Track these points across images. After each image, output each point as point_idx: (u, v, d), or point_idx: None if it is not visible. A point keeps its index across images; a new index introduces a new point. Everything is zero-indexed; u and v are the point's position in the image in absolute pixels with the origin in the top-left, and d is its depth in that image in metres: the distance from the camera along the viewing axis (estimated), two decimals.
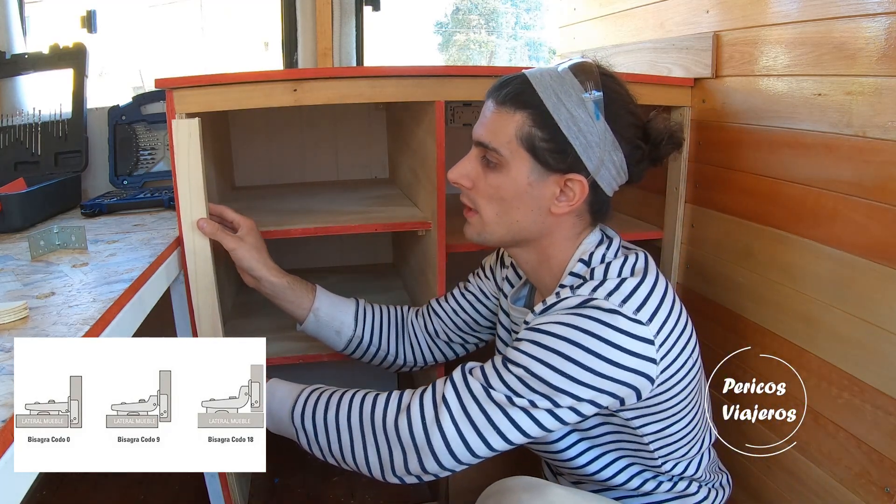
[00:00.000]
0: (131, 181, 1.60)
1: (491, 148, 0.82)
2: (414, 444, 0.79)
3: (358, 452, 0.82)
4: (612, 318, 0.76)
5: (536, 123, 0.80)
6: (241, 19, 3.94)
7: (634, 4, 1.50)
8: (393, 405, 0.82)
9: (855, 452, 0.92)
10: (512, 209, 0.84)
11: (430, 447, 0.78)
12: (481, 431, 0.77)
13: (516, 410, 0.77)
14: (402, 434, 0.79)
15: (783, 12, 1.03)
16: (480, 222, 0.87)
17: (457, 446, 0.78)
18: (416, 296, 1.45)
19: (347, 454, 0.83)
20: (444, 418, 0.78)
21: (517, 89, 0.81)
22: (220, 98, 1.05)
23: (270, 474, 1.52)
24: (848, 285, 0.93)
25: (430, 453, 0.78)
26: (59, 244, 1.00)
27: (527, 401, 0.77)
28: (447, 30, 5.22)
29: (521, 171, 0.82)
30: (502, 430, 0.78)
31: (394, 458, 0.80)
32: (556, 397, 0.76)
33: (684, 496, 0.93)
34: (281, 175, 1.76)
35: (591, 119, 0.80)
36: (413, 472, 0.80)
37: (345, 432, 0.83)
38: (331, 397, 0.86)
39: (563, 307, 0.80)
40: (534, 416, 0.77)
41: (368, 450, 0.82)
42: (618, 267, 0.82)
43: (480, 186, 0.85)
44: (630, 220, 1.44)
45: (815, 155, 0.98)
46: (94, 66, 1.64)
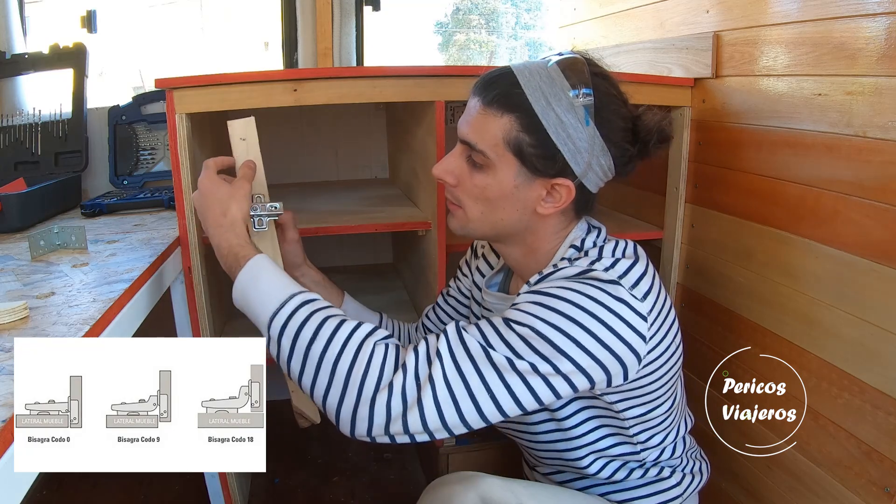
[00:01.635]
0: (131, 181, 1.61)
1: (477, 150, 0.81)
2: (403, 404, 0.72)
3: (331, 400, 0.73)
4: (613, 288, 0.76)
5: (524, 128, 0.78)
6: (241, 19, 3.93)
7: (634, 4, 1.50)
8: (390, 362, 0.74)
9: (855, 452, 0.92)
10: (497, 209, 0.83)
11: (418, 404, 0.72)
12: (473, 392, 0.73)
13: (514, 376, 0.73)
14: (394, 395, 0.72)
15: (783, 12, 1.03)
16: (465, 218, 0.86)
17: (444, 403, 0.72)
18: (416, 296, 1.45)
19: (319, 394, 0.74)
20: (437, 375, 0.72)
21: (505, 91, 0.79)
22: (220, 98, 1.05)
23: (270, 474, 1.53)
24: (848, 285, 0.93)
25: (417, 409, 0.72)
26: (59, 244, 1.00)
27: (528, 363, 0.73)
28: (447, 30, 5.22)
29: (508, 173, 0.80)
30: (495, 394, 0.73)
31: (374, 419, 0.72)
32: (558, 362, 0.73)
33: (657, 481, 0.92)
34: (281, 175, 1.76)
35: (581, 124, 0.78)
36: (392, 433, 0.74)
37: (325, 374, 0.73)
38: (322, 324, 0.75)
39: (563, 275, 0.79)
40: (530, 384, 0.73)
41: (344, 403, 0.73)
42: (611, 249, 0.83)
43: (465, 185, 0.84)
44: (630, 220, 1.44)
45: (815, 155, 0.98)
46: (94, 66, 1.64)
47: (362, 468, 1.56)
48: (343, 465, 1.57)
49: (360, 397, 0.72)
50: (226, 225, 0.83)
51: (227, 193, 0.84)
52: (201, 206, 0.86)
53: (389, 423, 0.73)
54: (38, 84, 1.65)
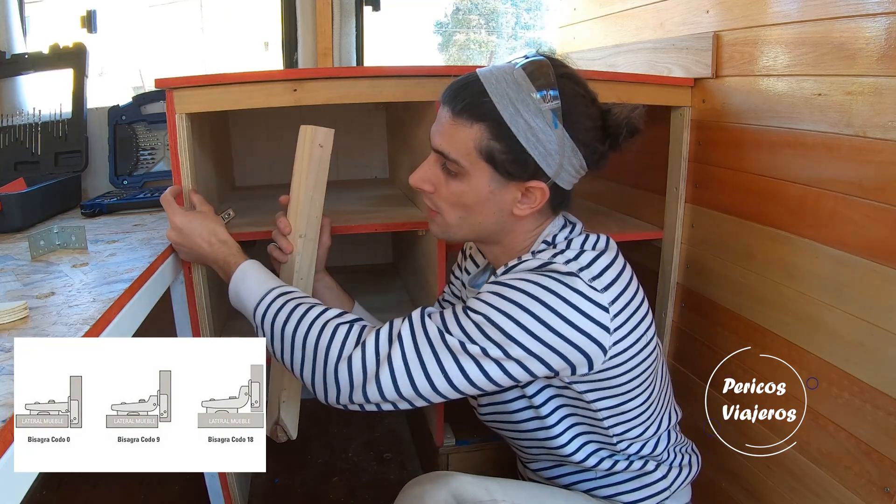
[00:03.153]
0: (131, 181, 1.60)
1: (451, 159, 0.83)
2: (363, 376, 0.80)
3: (306, 372, 0.84)
4: (569, 279, 0.79)
5: (494, 136, 0.80)
6: (241, 19, 3.94)
7: (634, 4, 1.50)
8: (352, 339, 0.82)
9: (855, 452, 0.92)
10: (474, 213, 0.86)
11: (376, 378, 0.80)
12: (428, 371, 0.79)
13: (467, 358, 0.79)
14: (355, 367, 0.80)
15: (783, 12, 1.03)
16: (444, 223, 0.89)
17: (401, 379, 0.79)
18: (416, 296, 1.45)
19: (297, 369, 0.85)
20: (396, 355, 0.80)
21: (473, 101, 0.80)
22: (220, 98, 1.05)
23: (270, 474, 1.53)
24: (848, 285, 0.93)
25: (374, 383, 0.80)
26: (59, 244, 1.00)
27: (479, 348, 0.78)
28: (447, 30, 5.22)
29: (482, 180, 0.82)
30: (449, 374, 0.79)
31: (340, 387, 0.82)
32: (508, 347, 0.77)
33: (641, 475, 0.94)
34: (281, 175, 1.75)
35: (550, 128, 0.79)
36: (356, 402, 0.82)
37: (298, 350, 0.84)
38: (294, 310, 0.86)
39: (524, 268, 0.83)
40: (482, 366, 0.79)
41: (315, 373, 0.83)
42: (579, 242, 0.86)
43: (442, 192, 0.86)
44: (630, 220, 1.44)
45: (815, 155, 0.98)
46: (94, 66, 1.64)
47: (362, 468, 1.56)
48: (343, 465, 1.57)
49: (326, 368, 0.82)
50: (216, 243, 0.96)
51: (202, 219, 0.97)
52: (184, 240, 0.97)
53: (352, 392, 0.81)
54: (38, 84, 1.65)
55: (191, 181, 1.06)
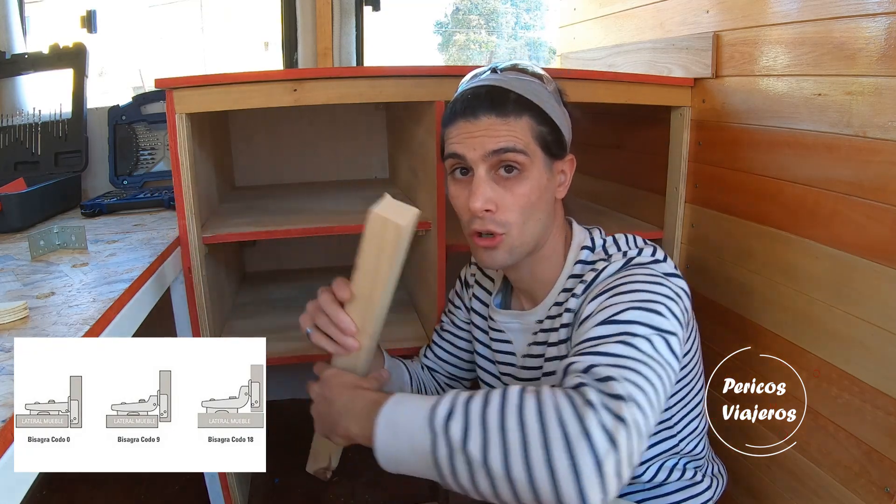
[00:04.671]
0: (131, 181, 1.61)
1: (518, 150, 0.81)
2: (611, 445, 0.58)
3: (536, 457, 0.57)
4: (659, 266, 0.81)
5: (539, 121, 0.84)
6: (241, 19, 3.94)
7: (634, 4, 1.50)
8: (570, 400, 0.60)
9: (855, 452, 0.92)
10: (536, 210, 0.85)
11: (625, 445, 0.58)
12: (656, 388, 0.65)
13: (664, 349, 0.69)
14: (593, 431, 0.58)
15: (783, 12, 1.03)
16: (510, 242, 0.84)
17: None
18: (416, 296, 1.45)
19: (516, 461, 0.58)
20: (632, 416, 0.60)
21: (512, 97, 0.83)
22: (220, 98, 1.05)
23: (270, 474, 1.53)
24: (848, 285, 0.93)
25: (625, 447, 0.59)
26: (59, 244, 1.00)
27: (658, 333, 0.70)
28: (447, 30, 5.22)
29: (540, 168, 0.84)
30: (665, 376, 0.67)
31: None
32: (662, 323, 0.71)
33: (691, 485, 0.93)
34: (281, 175, 1.76)
35: (560, 105, 0.88)
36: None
37: (513, 431, 0.59)
38: (486, 394, 0.64)
39: (609, 273, 0.82)
40: (672, 349, 0.70)
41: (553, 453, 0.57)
42: (623, 241, 0.89)
43: (507, 202, 0.83)
44: (630, 220, 1.44)
45: (815, 155, 0.98)
46: (94, 66, 1.64)
47: (362, 468, 1.56)
48: (343, 465, 1.57)
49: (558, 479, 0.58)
50: (357, 397, 0.75)
51: (352, 383, 0.78)
52: (333, 409, 0.76)
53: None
54: (38, 84, 1.65)
55: (191, 181, 1.06)
